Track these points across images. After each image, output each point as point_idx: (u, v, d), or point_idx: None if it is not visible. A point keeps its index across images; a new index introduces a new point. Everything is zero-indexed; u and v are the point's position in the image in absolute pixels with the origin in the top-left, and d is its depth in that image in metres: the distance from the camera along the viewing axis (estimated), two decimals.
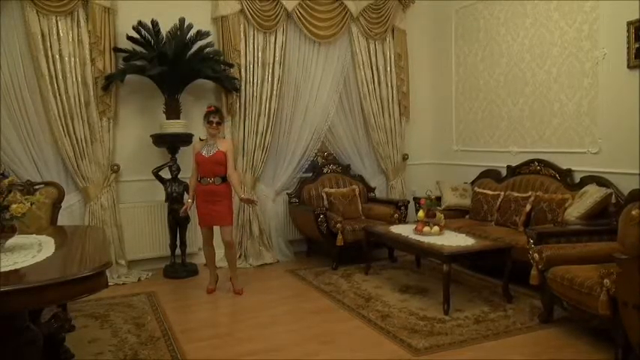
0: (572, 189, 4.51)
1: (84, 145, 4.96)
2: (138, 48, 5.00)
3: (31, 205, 2.68)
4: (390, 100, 6.28)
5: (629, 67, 4.15)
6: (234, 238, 5.10)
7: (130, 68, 4.93)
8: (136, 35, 4.94)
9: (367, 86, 6.15)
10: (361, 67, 6.10)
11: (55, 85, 4.79)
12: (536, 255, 3.57)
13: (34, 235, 2.98)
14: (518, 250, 4.08)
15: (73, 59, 4.85)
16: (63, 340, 2.92)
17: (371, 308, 4.03)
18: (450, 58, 6.31)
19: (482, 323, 3.65)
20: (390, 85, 6.27)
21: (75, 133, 4.90)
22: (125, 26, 5.02)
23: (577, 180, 4.60)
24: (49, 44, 4.74)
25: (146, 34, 4.94)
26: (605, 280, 2.93)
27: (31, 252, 2.52)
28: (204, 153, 4.36)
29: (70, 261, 2.65)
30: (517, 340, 3.38)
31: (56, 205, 4.02)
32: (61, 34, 4.79)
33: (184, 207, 4.55)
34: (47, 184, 4.18)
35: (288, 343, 3.41)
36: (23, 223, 2.71)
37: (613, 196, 4.12)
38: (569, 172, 4.71)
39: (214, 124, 4.35)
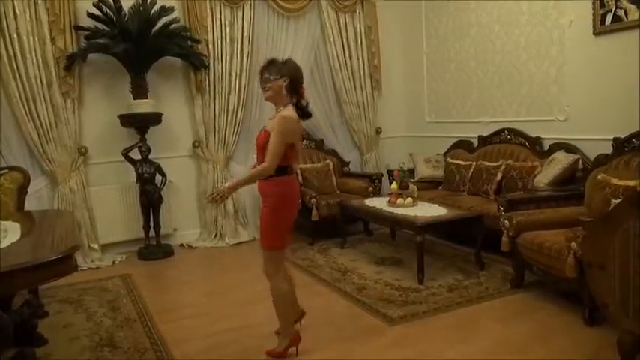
0: (542, 156, 4.58)
1: (48, 128, 4.81)
2: (100, 25, 4.83)
3: None
4: (362, 74, 6.24)
5: (594, 33, 4.18)
6: (268, 266, 2.89)
7: (92, 47, 4.77)
8: (97, 12, 4.77)
9: (338, 60, 6.09)
10: (332, 40, 6.03)
11: (15, 66, 4.61)
12: (506, 222, 3.64)
13: None
14: (490, 218, 4.15)
15: (32, 39, 4.66)
16: (36, 326, 2.90)
17: (347, 281, 4.07)
18: (420, 29, 6.28)
19: (455, 291, 3.73)
20: (361, 58, 6.22)
21: (38, 116, 4.75)
22: (85, 3, 4.83)
23: (546, 147, 4.67)
24: (5, 23, 4.54)
25: (108, 10, 4.77)
26: (572, 244, 3.01)
27: None
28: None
29: (37, 246, 2.60)
30: (490, 305, 3.48)
31: (22, 191, 3.92)
32: (18, 13, 4.58)
33: None
34: (11, 169, 4.07)
35: (265, 319, 3.40)
36: None
37: (580, 162, 4.20)
38: (539, 140, 4.78)
39: (262, 86, 2.90)
